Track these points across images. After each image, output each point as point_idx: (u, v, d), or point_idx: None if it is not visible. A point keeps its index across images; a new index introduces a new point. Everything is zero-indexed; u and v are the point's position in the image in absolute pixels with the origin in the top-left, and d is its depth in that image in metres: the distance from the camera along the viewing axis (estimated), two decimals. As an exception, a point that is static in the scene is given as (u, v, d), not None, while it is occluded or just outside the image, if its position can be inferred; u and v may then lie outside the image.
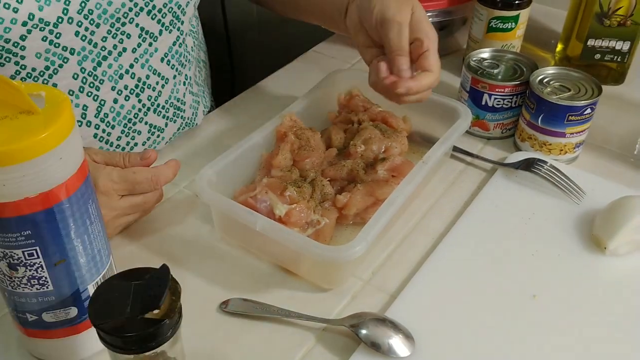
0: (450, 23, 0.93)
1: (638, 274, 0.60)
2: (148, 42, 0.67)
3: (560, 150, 0.73)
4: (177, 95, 0.74)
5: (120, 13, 0.63)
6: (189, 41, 0.74)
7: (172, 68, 0.72)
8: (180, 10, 0.68)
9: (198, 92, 0.80)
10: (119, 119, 0.69)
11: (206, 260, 0.62)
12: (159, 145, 0.75)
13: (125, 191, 0.59)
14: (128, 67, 0.67)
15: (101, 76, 0.65)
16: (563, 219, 0.66)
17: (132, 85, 0.68)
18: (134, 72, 0.68)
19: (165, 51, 0.70)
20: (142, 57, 0.67)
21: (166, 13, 0.67)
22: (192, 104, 0.78)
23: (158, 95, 0.71)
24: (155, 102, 0.71)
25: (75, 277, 0.47)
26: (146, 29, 0.66)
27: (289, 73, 0.92)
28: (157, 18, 0.66)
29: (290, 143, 0.66)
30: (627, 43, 0.84)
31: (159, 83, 0.71)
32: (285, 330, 0.55)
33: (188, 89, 0.76)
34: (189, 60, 0.75)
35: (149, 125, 0.72)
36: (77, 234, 0.45)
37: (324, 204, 0.63)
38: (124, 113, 0.69)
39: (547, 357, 0.53)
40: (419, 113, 0.74)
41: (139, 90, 0.69)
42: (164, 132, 0.74)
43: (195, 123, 0.79)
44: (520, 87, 0.74)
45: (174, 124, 0.75)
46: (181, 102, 0.75)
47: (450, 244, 0.63)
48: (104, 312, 0.39)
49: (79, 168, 0.44)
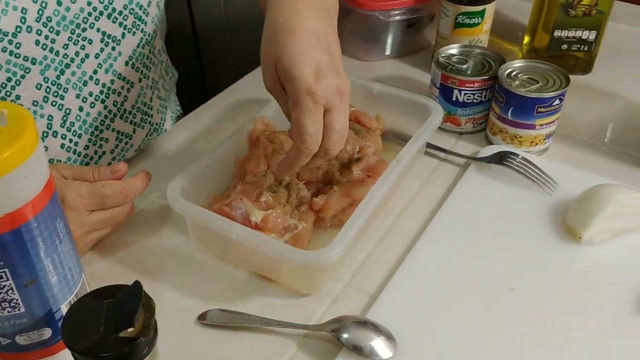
0: (418, 20, 0.93)
1: (614, 262, 0.61)
2: (111, 47, 0.66)
3: (531, 142, 0.73)
4: (144, 100, 0.73)
5: (80, 19, 0.61)
6: (154, 43, 0.73)
7: (137, 71, 0.70)
8: (142, 11, 0.67)
9: (166, 97, 0.79)
10: (86, 127, 0.67)
11: (182, 272, 0.61)
12: (127, 152, 0.74)
13: (94, 206, 0.57)
14: (92, 73, 0.65)
15: (65, 84, 0.64)
16: (537, 211, 0.66)
17: (97, 92, 0.67)
18: (98, 78, 0.66)
19: (130, 54, 0.68)
20: (106, 62, 0.66)
21: (127, 15, 0.66)
22: (159, 109, 0.76)
23: (124, 100, 0.70)
24: (122, 107, 0.70)
25: (47, 297, 0.46)
26: (108, 32, 0.65)
27: (259, 76, 0.91)
28: (119, 21, 0.65)
29: (263, 147, 0.66)
30: (593, 32, 0.85)
31: (124, 88, 0.69)
32: (266, 339, 0.54)
33: (155, 93, 0.75)
34: (155, 63, 0.74)
35: (116, 132, 0.71)
36: (47, 253, 0.44)
37: (301, 208, 0.63)
38: (90, 121, 0.68)
39: (528, 348, 0.53)
40: (392, 111, 0.74)
41: (104, 96, 0.68)
42: (132, 138, 0.73)
43: (164, 129, 0.78)
44: (489, 81, 0.74)
45: (142, 130, 0.74)
46: (148, 106, 0.74)
47: (427, 242, 0.63)
48: (78, 333, 0.38)
49: (45, 185, 0.43)
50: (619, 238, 0.62)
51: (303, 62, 0.50)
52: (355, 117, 0.72)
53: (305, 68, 0.50)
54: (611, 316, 0.56)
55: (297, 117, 0.50)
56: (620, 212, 0.62)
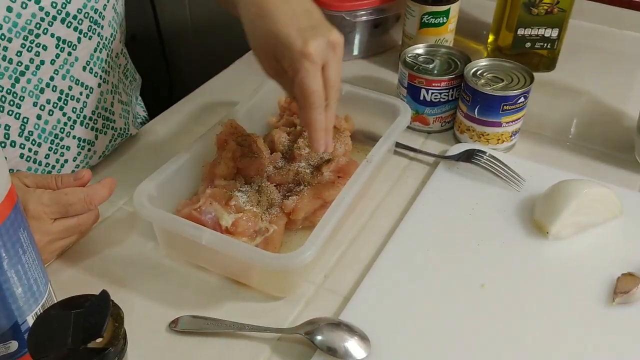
0: (385, 20, 0.93)
1: (581, 256, 0.62)
2: (67, 52, 0.64)
3: (498, 140, 0.74)
4: (105, 105, 0.72)
5: (32, 24, 0.60)
6: (112, 47, 0.71)
7: (95, 76, 0.69)
8: (97, 14, 0.66)
9: (128, 101, 0.78)
10: (45, 135, 0.66)
11: (152, 279, 0.60)
12: (91, 160, 0.72)
13: (58, 214, 0.56)
14: (48, 80, 0.64)
15: (21, 92, 0.62)
16: (505, 207, 0.67)
17: (55, 99, 0.65)
18: (56, 85, 0.65)
19: (87, 59, 0.67)
20: (62, 67, 0.65)
21: (82, 19, 0.64)
22: (122, 113, 0.75)
23: (83, 106, 0.69)
24: (82, 113, 0.69)
25: (12, 309, 0.44)
26: (63, 38, 0.63)
27: (227, 78, 0.91)
28: (74, 25, 0.64)
29: (232, 150, 0.65)
30: (556, 30, 0.87)
31: (83, 93, 0.68)
32: (239, 344, 0.54)
33: (117, 98, 0.74)
34: (113, 67, 0.72)
35: (77, 139, 0.69)
36: (11, 264, 0.43)
37: (272, 210, 0.62)
38: (49, 129, 0.66)
39: (501, 343, 0.54)
40: (360, 112, 0.74)
41: (63, 103, 0.66)
42: (95, 145, 0.72)
43: (129, 133, 0.77)
44: (456, 80, 0.75)
45: (105, 136, 0.73)
46: (109, 111, 0.72)
47: (398, 242, 0.63)
48: (44, 345, 0.37)
49: (7, 195, 0.42)
50: (586, 232, 0.64)
51: (289, 33, 0.53)
52: (325, 118, 0.72)
53: (292, 37, 0.53)
54: (581, 308, 0.57)
55: (300, 81, 0.53)
56: (586, 207, 0.63)
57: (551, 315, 0.56)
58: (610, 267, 0.60)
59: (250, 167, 0.65)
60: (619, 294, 0.57)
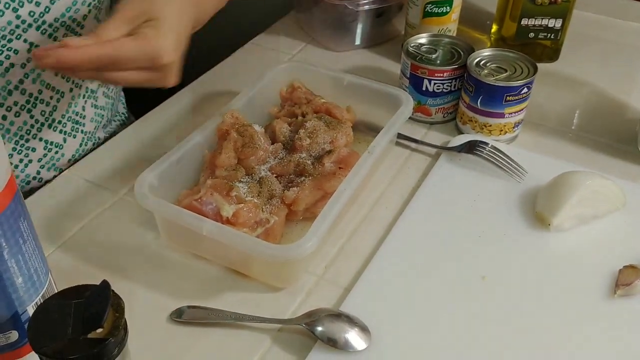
0: (387, 10, 0.92)
1: (583, 248, 0.62)
2: None
3: (500, 131, 0.74)
4: (76, 109, 0.72)
5: (7, 31, 0.60)
6: None
7: (67, 81, 0.69)
8: (75, 24, 0.65)
9: (105, 106, 0.78)
10: (9, 135, 0.66)
11: (153, 269, 0.60)
12: (59, 162, 0.73)
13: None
14: (17, 82, 0.64)
15: None
16: (507, 199, 0.67)
17: (23, 101, 0.66)
18: (25, 88, 0.65)
19: None
20: (33, 72, 0.65)
21: (58, 27, 0.64)
22: (93, 117, 0.75)
23: (53, 110, 0.69)
24: (50, 117, 0.69)
25: (12, 299, 0.44)
26: (36, 43, 0.63)
27: (228, 68, 0.90)
28: (48, 32, 0.63)
29: (233, 141, 0.65)
30: (559, 20, 0.86)
31: (53, 97, 0.68)
32: (239, 334, 0.54)
33: (90, 102, 0.74)
34: None
35: (44, 141, 0.70)
36: (11, 254, 0.43)
37: (272, 201, 0.62)
38: (15, 129, 0.67)
39: (501, 336, 0.54)
40: (362, 102, 0.73)
41: (31, 105, 0.66)
42: (63, 148, 0.72)
43: (96, 137, 0.77)
44: (459, 70, 0.75)
45: (74, 140, 0.73)
46: (80, 115, 0.73)
47: (399, 233, 0.63)
48: (45, 335, 0.37)
49: (6, 185, 0.42)
50: (588, 224, 0.63)
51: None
52: (326, 109, 0.71)
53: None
54: (582, 300, 0.57)
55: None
56: (589, 199, 0.63)
57: (552, 308, 0.56)
58: (612, 259, 0.59)
59: (251, 157, 0.65)
60: (621, 286, 0.57)
